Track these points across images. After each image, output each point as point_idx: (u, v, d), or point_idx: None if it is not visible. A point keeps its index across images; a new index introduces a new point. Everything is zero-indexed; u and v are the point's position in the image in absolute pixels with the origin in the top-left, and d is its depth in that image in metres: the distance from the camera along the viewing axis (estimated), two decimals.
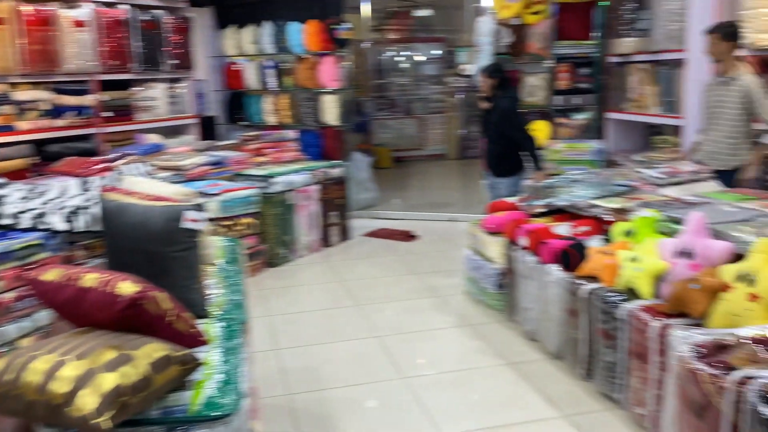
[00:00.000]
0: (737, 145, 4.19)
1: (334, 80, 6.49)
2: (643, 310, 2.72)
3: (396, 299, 4.57)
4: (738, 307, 2.37)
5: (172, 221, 2.05)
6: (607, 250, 3.17)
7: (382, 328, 4.04)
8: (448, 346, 3.79)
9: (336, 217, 6.01)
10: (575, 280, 3.21)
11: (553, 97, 6.09)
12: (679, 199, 3.57)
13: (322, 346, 3.82)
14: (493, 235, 4.24)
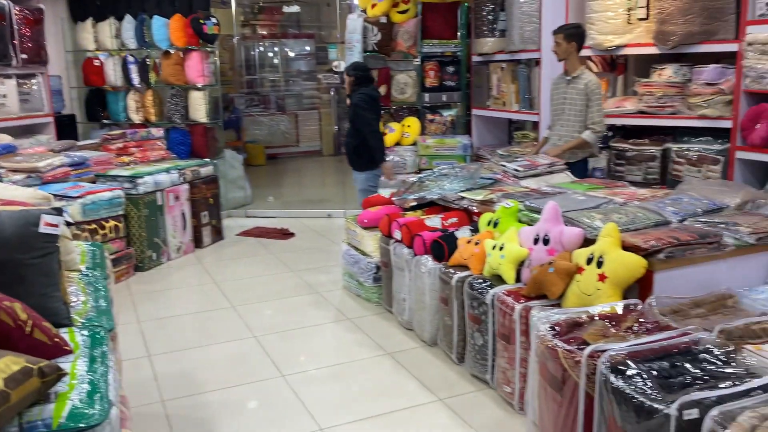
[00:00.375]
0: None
1: (201, 76, 6.31)
2: (508, 294, 2.86)
3: (273, 298, 4.53)
4: (589, 287, 2.56)
5: (27, 226, 1.91)
6: (474, 240, 3.32)
7: (260, 327, 4.00)
8: (327, 341, 3.81)
9: (208, 217, 5.85)
10: (446, 269, 3.34)
11: (422, 95, 6.26)
12: (537, 189, 3.78)
13: (198, 350, 3.71)
14: (368, 229, 4.28)
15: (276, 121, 10.42)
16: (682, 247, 2.62)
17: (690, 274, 2.66)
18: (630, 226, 2.84)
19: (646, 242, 2.59)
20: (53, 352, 1.75)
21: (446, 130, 6.28)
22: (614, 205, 3.24)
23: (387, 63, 6.30)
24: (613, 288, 2.52)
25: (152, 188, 5.19)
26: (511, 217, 3.33)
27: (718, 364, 1.92)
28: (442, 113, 6.31)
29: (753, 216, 3.02)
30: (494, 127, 6.38)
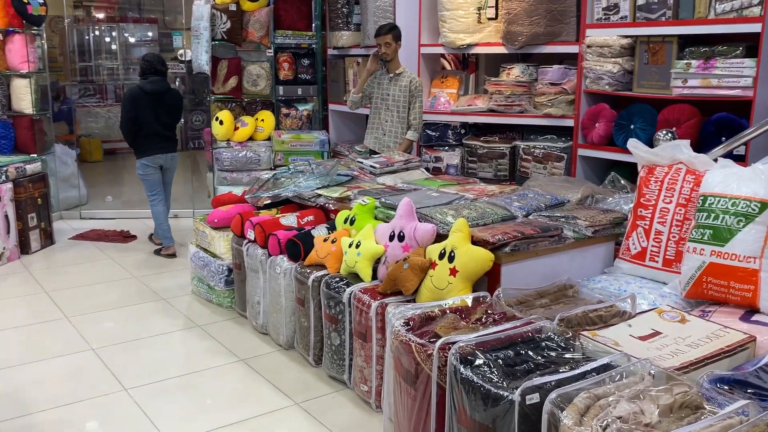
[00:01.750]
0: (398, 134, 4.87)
1: (26, 62, 5.85)
2: (364, 292, 2.93)
3: (114, 307, 4.36)
4: (442, 282, 2.69)
5: None
6: (331, 238, 3.36)
7: (99, 339, 3.83)
8: (175, 350, 3.72)
9: (36, 219, 5.49)
10: (302, 269, 3.35)
11: (276, 87, 6.23)
12: (393, 186, 3.90)
13: (27, 367, 3.48)
14: (219, 229, 4.26)
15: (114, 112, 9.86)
16: (526, 240, 2.82)
17: (534, 266, 2.86)
18: (479, 222, 3.01)
19: (493, 236, 2.75)
20: None
21: (302, 125, 6.29)
22: (465, 201, 3.41)
23: (238, 53, 6.20)
24: (463, 281, 2.66)
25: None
26: (367, 214, 3.40)
27: (558, 350, 2.08)
28: (298, 107, 6.30)
29: (591, 210, 3.30)
30: (352, 123, 6.46)
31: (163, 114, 5.29)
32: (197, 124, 8.60)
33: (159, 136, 5.30)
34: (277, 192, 4.10)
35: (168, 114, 5.34)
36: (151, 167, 5.32)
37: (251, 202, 4.28)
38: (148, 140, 5.26)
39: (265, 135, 6.15)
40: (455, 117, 5.16)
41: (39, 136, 6.12)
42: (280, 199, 4.12)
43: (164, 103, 5.28)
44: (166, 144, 5.37)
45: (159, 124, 5.27)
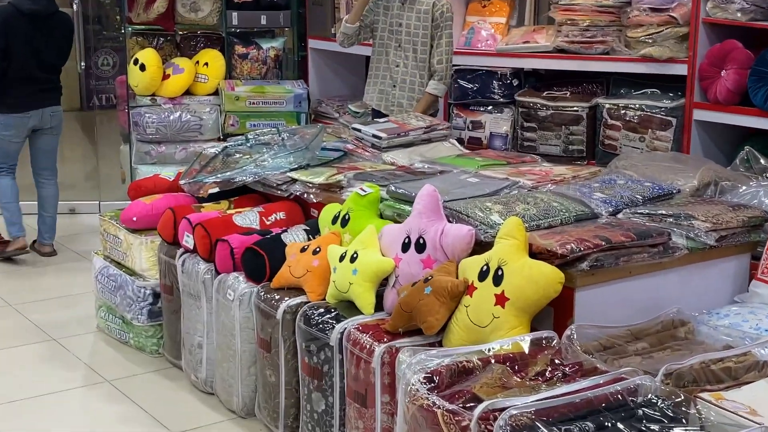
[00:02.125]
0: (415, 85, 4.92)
1: None
2: (363, 330, 2.87)
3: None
4: (483, 315, 2.65)
5: None
6: (312, 247, 3.31)
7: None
8: (74, 416, 3.71)
9: None
10: (268, 294, 3.31)
11: (228, 14, 6.18)
12: (408, 167, 3.83)
13: None
14: (139, 232, 4.25)
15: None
16: (615, 252, 2.77)
17: (626, 291, 2.83)
18: (541, 223, 2.97)
19: (563, 245, 2.70)
20: None
21: (267, 71, 6.26)
22: (520, 190, 3.35)
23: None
24: (516, 314, 2.61)
25: None
26: (368, 209, 3.38)
27: (663, 422, 2.05)
28: (261, 45, 6.25)
29: (714, 205, 3.23)
30: (344, 68, 6.41)
31: (44, 49, 5.35)
32: (104, 70, 8.50)
33: (34, 82, 5.38)
34: (230, 175, 4.06)
35: (51, 50, 5.41)
36: (14, 129, 5.43)
37: (189, 190, 4.24)
38: (16, 87, 5.33)
39: (210, 87, 6.14)
40: (503, 60, 5.12)
41: None
42: (233, 186, 4.09)
43: (46, 32, 5.32)
44: (44, 95, 5.45)
45: (36, 64, 5.35)
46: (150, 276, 4.19)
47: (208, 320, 3.73)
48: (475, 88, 5.21)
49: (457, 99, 5.25)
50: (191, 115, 6.03)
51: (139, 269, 4.24)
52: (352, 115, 5.50)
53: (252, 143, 4.36)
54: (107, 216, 4.51)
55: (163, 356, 4.18)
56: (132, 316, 4.24)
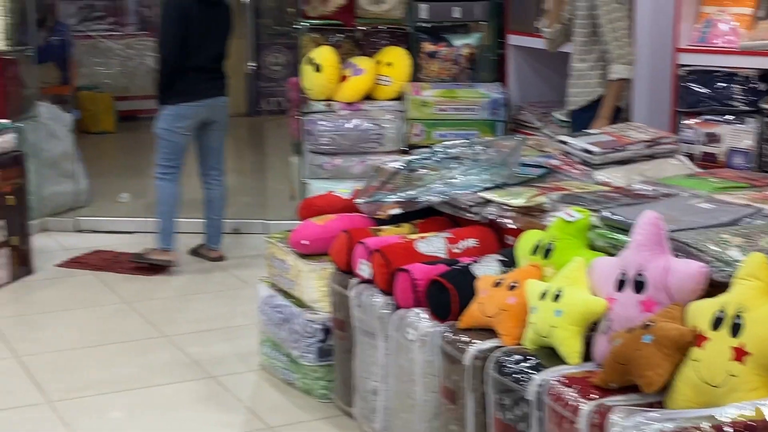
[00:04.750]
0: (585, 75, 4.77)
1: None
2: (567, 383, 2.69)
3: (125, 387, 4.18)
4: (717, 372, 2.42)
5: None
6: (508, 281, 3.15)
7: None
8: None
9: (5, 231, 5.38)
10: (455, 335, 3.15)
11: (415, 6, 5.99)
12: (625, 189, 3.63)
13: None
14: (311, 258, 4.03)
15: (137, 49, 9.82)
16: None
17: None
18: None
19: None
20: None
21: (460, 72, 6.02)
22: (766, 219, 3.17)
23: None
24: (759, 373, 2.38)
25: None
26: (575, 238, 3.20)
27: None
28: (453, 41, 6.04)
29: None
30: (550, 69, 6.08)
31: (213, 37, 5.55)
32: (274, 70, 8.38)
33: (205, 71, 5.56)
34: (414, 195, 3.90)
35: (218, 38, 5.62)
36: (187, 120, 5.52)
37: (367, 210, 4.04)
38: (189, 77, 5.49)
39: (393, 91, 5.90)
40: (747, 59, 4.69)
41: (13, 88, 6.24)
42: (417, 207, 3.91)
43: (215, 20, 5.53)
44: (214, 84, 5.65)
45: (206, 53, 5.54)
46: (321, 308, 3.96)
47: (384, 362, 3.52)
48: (711, 94, 4.75)
49: (688, 106, 4.79)
50: (371, 123, 5.81)
51: (308, 300, 3.99)
52: (558, 124, 5.21)
53: (440, 157, 4.16)
54: (274, 238, 4.27)
55: (332, 402, 3.94)
56: (299, 353, 4.03)
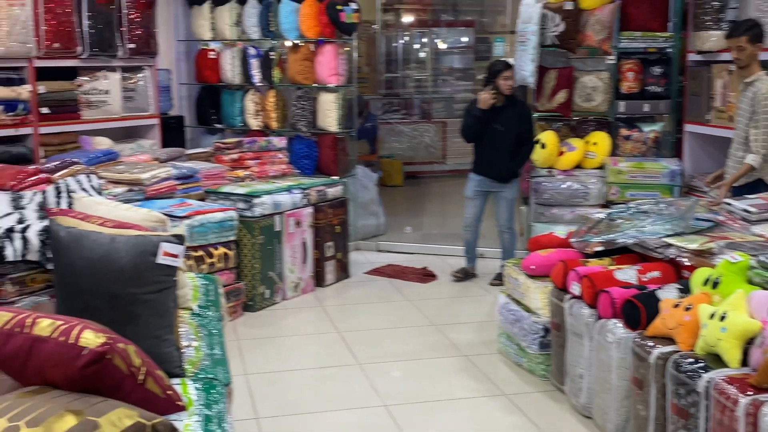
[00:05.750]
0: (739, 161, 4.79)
1: (334, 74, 6.57)
2: (729, 381, 2.76)
3: (408, 357, 4.64)
4: None
5: (143, 255, 2.13)
6: (684, 304, 3.22)
7: (391, 394, 4.11)
8: (477, 420, 3.83)
9: (333, 249, 6.11)
10: (643, 340, 3.27)
11: (615, 103, 6.19)
12: None
13: (314, 417, 3.88)
14: (536, 278, 4.30)
15: (419, 131, 10.60)
16: None
17: None
18: None
19: None
20: (165, 407, 1.93)
21: (647, 150, 6.18)
22: None
23: (570, 61, 6.30)
24: None
25: (270, 210, 5.52)
26: (737, 275, 3.23)
27: None
28: (642, 128, 6.21)
29: None
30: (716, 150, 6.07)
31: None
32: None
33: None
34: (613, 237, 4.06)
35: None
36: None
37: (578, 247, 4.29)
38: None
39: (596, 162, 6.15)
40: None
41: (341, 156, 6.76)
42: (615, 246, 4.06)
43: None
44: None
45: None
46: (542, 314, 4.24)
47: (589, 356, 3.71)
48: None
49: None
50: (579, 185, 6.06)
51: (534, 307, 4.31)
52: None
53: (632, 211, 4.28)
54: (511, 263, 4.66)
55: (549, 380, 4.19)
56: (526, 344, 4.32)
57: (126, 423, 1.67)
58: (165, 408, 1.92)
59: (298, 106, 6.79)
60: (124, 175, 5.10)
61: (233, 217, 5.21)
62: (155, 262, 2.12)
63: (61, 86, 5.71)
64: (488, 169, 5.95)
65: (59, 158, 5.17)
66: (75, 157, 5.18)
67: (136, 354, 1.87)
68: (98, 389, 1.77)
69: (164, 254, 2.12)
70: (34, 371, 1.79)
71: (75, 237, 2.21)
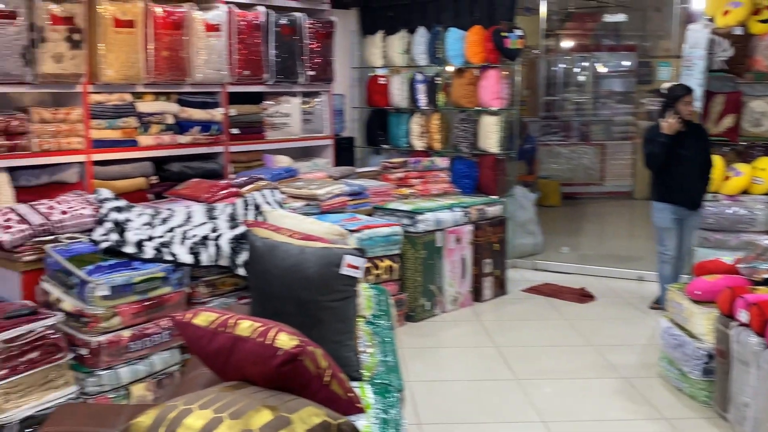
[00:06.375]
0: None
1: (497, 98, 6.61)
2: None
3: (564, 376, 4.59)
4: None
5: (329, 266, 2.23)
6: None
7: (547, 411, 4.07)
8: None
9: (491, 265, 6.12)
10: None
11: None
12: None
13: (474, 427, 3.89)
14: (701, 304, 4.18)
15: (577, 153, 10.48)
16: None
17: None
18: None
19: None
20: (346, 408, 2.00)
21: None
22: None
23: (737, 86, 6.04)
24: None
25: (432, 227, 5.60)
26: None
27: None
28: None
29: None
30: None
31: None
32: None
33: None
34: None
35: None
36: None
37: (746, 273, 4.13)
38: None
39: (763, 188, 5.85)
40: None
41: (501, 176, 6.72)
42: None
43: None
44: None
45: None
46: (706, 340, 4.10)
47: (755, 384, 3.53)
48: None
49: None
50: (746, 211, 5.80)
51: (697, 333, 4.17)
52: None
53: None
54: (675, 287, 4.53)
55: (711, 407, 4.03)
56: (688, 370, 4.19)
57: (314, 421, 1.74)
58: (346, 409, 1.99)
59: (460, 128, 6.88)
60: (302, 191, 5.32)
61: (398, 232, 5.32)
62: (339, 273, 2.21)
63: (249, 109, 6.05)
64: (680, 196, 5.56)
65: (246, 174, 5.49)
66: (260, 174, 5.49)
67: (323, 357, 1.94)
68: (289, 387, 1.86)
69: (347, 266, 2.21)
70: (234, 367, 1.90)
71: (269, 247, 2.34)
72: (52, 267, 3.71)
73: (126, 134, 5.22)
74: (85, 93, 4.90)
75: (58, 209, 4.08)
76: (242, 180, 5.23)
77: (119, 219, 4.09)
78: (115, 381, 3.60)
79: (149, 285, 3.72)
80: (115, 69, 5.02)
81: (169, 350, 3.81)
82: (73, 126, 4.86)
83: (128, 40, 5.08)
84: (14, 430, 3.24)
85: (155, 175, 5.48)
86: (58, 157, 4.76)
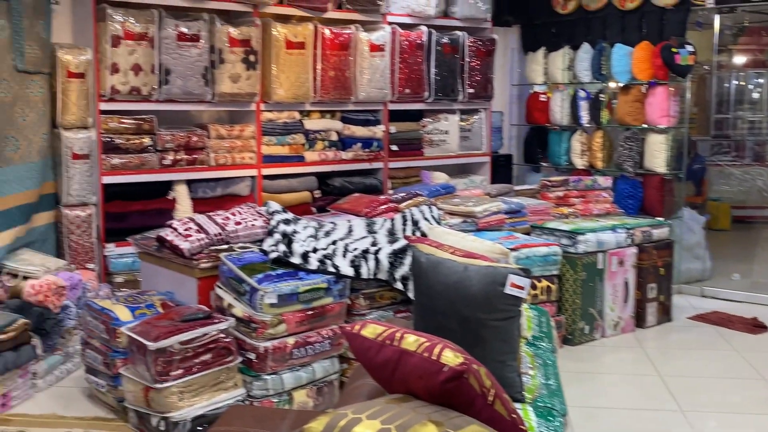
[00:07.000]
0: None
1: (665, 116, 6.41)
2: None
3: (733, 410, 4.34)
4: None
5: (493, 285, 2.23)
6: None
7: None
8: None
9: (655, 290, 5.87)
10: None
11: None
12: None
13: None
14: None
15: (751, 174, 9.89)
16: None
17: None
18: None
19: None
20: (509, 430, 1.97)
21: None
22: None
23: None
24: None
25: (594, 248, 5.43)
26: None
27: None
28: None
29: None
30: None
31: None
32: None
33: None
34: None
35: None
36: None
37: None
38: None
39: None
40: None
41: (667, 197, 6.54)
42: None
43: None
44: None
45: None
46: None
47: None
48: None
49: None
50: None
51: None
52: None
53: None
54: None
55: None
56: None
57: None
58: (509, 430, 1.96)
59: (625, 146, 6.70)
60: (459, 208, 5.34)
61: (557, 252, 5.21)
62: (503, 292, 2.20)
63: (409, 127, 6.18)
64: None
65: (404, 190, 5.57)
66: (418, 190, 5.55)
67: (487, 376, 1.93)
68: (453, 404, 1.86)
69: (512, 285, 2.19)
70: (399, 380, 1.93)
71: (433, 263, 2.36)
72: (225, 274, 3.92)
73: (293, 150, 5.47)
74: (258, 111, 5.18)
75: (233, 220, 4.32)
76: (401, 195, 5.32)
77: (287, 231, 4.27)
78: (279, 386, 3.75)
79: (313, 295, 3.86)
80: (285, 88, 5.27)
81: (329, 359, 3.93)
82: (246, 142, 5.15)
83: (299, 61, 5.33)
84: (187, 427, 3.45)
85: (318, 190, 5.70)
86: (233, 171, 5.06)
